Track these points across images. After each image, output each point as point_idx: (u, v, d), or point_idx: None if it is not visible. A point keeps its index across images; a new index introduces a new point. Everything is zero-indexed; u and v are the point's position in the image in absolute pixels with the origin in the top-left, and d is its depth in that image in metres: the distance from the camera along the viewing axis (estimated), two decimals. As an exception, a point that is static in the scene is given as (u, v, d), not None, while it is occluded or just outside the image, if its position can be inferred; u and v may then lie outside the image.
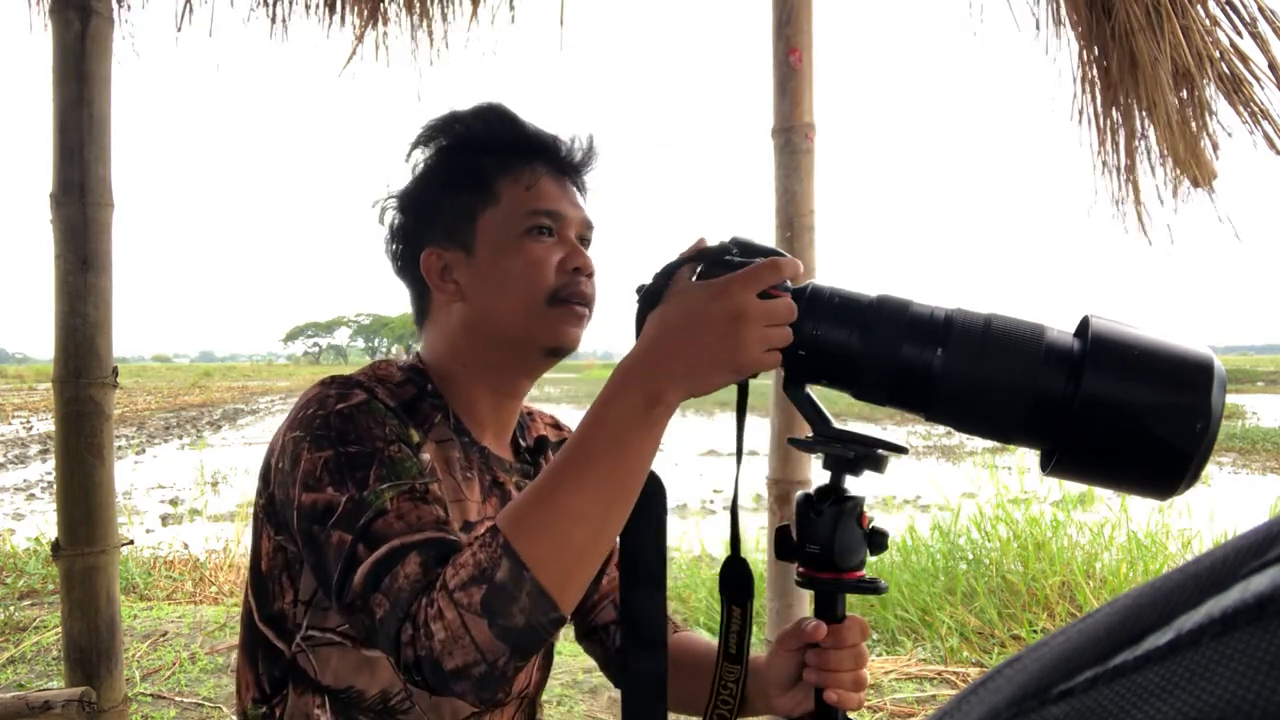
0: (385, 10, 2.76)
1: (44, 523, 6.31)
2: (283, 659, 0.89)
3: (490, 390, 0.96)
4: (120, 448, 13.97)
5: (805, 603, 2.20)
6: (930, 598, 3.82)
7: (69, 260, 1.98)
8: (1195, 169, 2.26)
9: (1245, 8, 2.09)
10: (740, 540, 0.84)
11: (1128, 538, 4.28)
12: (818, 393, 0.76)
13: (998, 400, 0.64)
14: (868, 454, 0.74)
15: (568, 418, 1.09)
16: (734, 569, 0.83)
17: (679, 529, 6.00)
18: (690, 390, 0.70)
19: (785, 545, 0.79)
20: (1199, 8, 2.13)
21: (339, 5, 2.72)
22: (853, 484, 0.77)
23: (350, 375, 0.88)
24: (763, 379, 0.80)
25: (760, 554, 4.19)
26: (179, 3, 2.57)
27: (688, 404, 0.74)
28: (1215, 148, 2.26)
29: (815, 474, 2.20)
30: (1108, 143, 2.46)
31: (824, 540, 0.75)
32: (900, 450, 0.75)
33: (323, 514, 0.77)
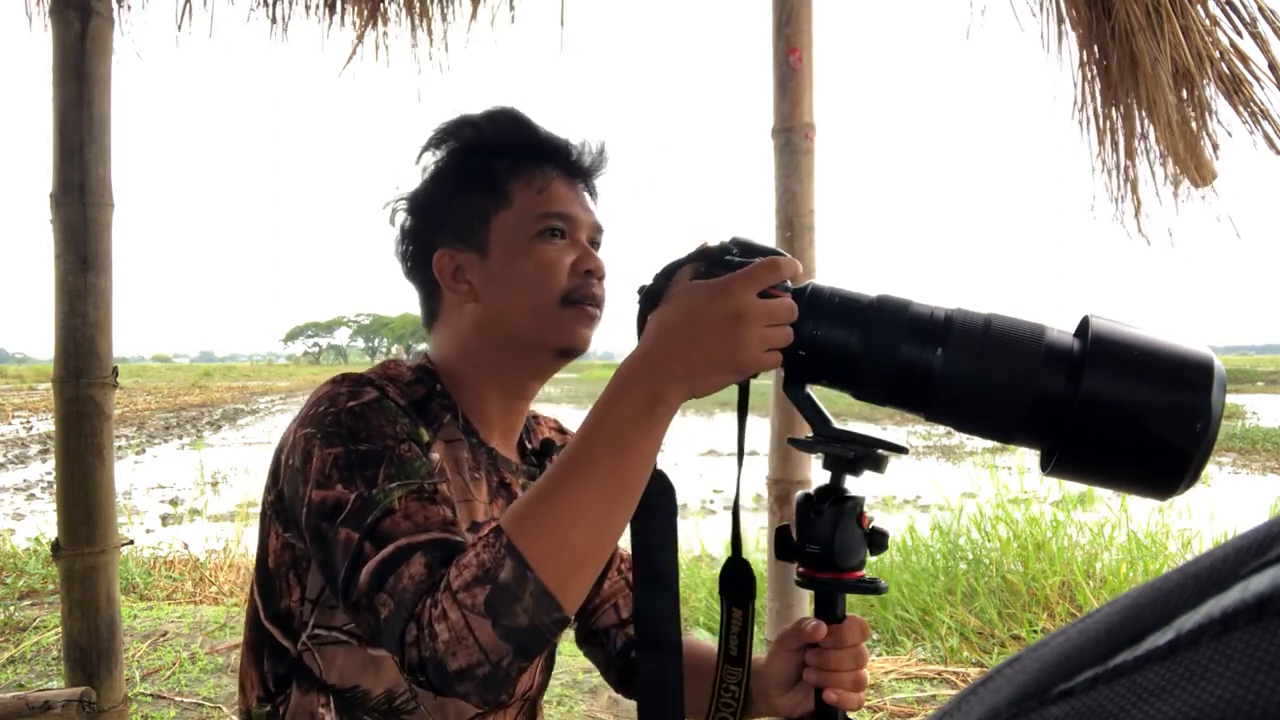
0: (385, 10, 2.76)
1: (44, 523, 6.31)
2: (288, 657, 0.89)
3: (500, 391, 0.96)
4: (120, 448, 13.97)
5: (805, 603, 2.20)
6: (930, 598, 3.82)
7: (69, 260, 1.98)
8: (1195, 169, 2.26)
9: (1245, 8, 2.09)
10: (741, 541, 0.84)
11: (1128, 538, 4.28)
12: (818, 393, 0.76)
13: (998, 400, 0.64)
14: (868, 454, 0.74)
15: (568, 418, 1.10)
16: (735, 570, 0.83)
17: (678, 529, 5.96)
18: (691, 391, 0.70)
19: (785, 545, 0.79)
20: (1199, 8, 2.13)
21: (339, 5, 2.72)
22: (853, 484, 0.77)
23: (362, 374, 0.88)
24: (763, 379, 0.80)
25: (760, 554, 4.19)
26: (179, 3, 2.57)
27: (688, 404, 0.74)
28: (1215, 148, 2.26)
29: (815, 474, 2.20)
30: (1108, 142, 2.46)
31: (824, 540, 0.75)
32: (900, 450, 0.75)
33: (331, 511, 0.77)
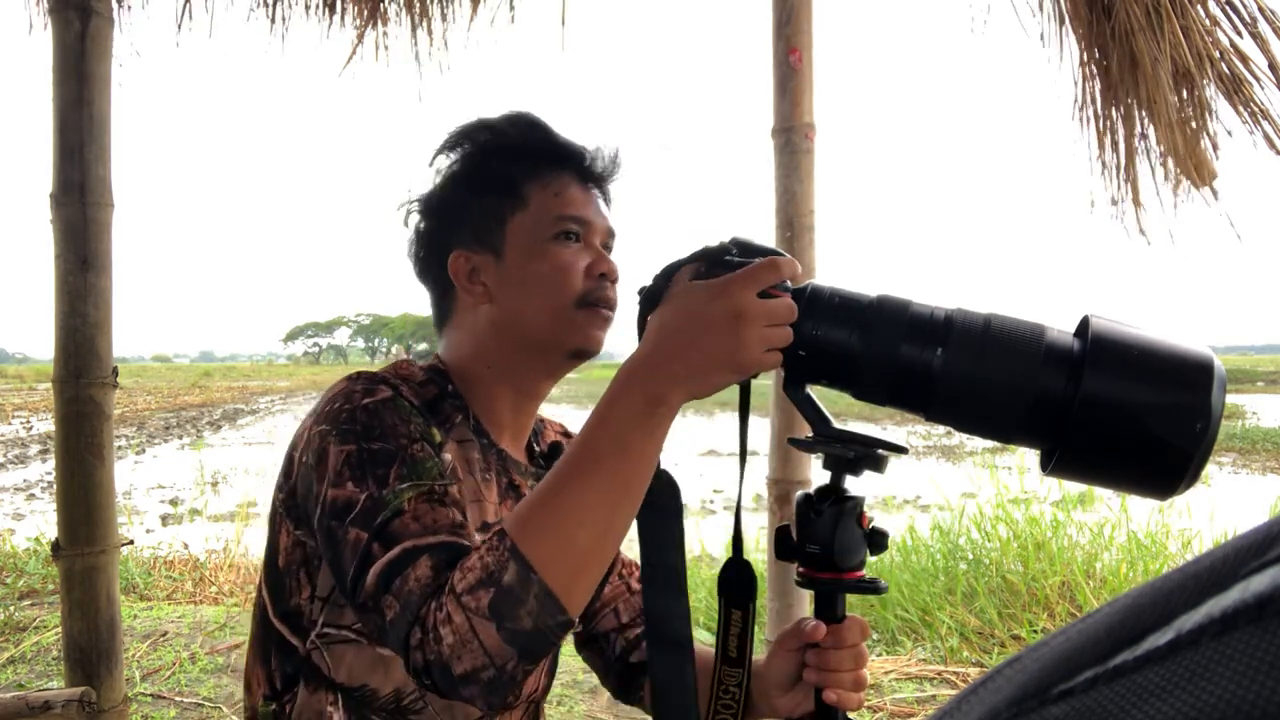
0: (385, 10, 2.76)
1: (44, 523, 6.31)
2: (296, 655, 0.89)
3: (512, 391, 0.97)
4: (120, 448, 13.97)
5: (805, 603, 2.20)
6: (930, 598, 3.82)
7: (69, 260, 1.99)
8: (1195, 169, 2.26)
9: (1245, 8, 2.09)
10: (743, 542, 0.84)
11: (1128, 538, 4.28)
12: (818, 393, 0.76)
13: (998, 400, 0.64)
14: (868, 454, 0.73)
15: (568, 418, 1.10)
16: (735, 571, 0.83)
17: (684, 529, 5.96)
18: (692, 392, 0.70)
19: (785, 545, 0.79)
20: (1199, 8, 2.13)
21: (339, 5, 2.72)
22: (853, 484, 0.77)
23: (376, 372, 0.88)
24: (762, 379, 0.80)
25: (760, 554, 4.19)
26: (179, 3, 2.58)
27: (688, 404, 0.74)
28: (1215, 148, 2.26)
29: (815, 474, 2.20)
30: (1108, 142, 2.46)
31: (824, 540, 0.75)
32: (900, 450, 0.75)
33: (342, 510, 0.77)
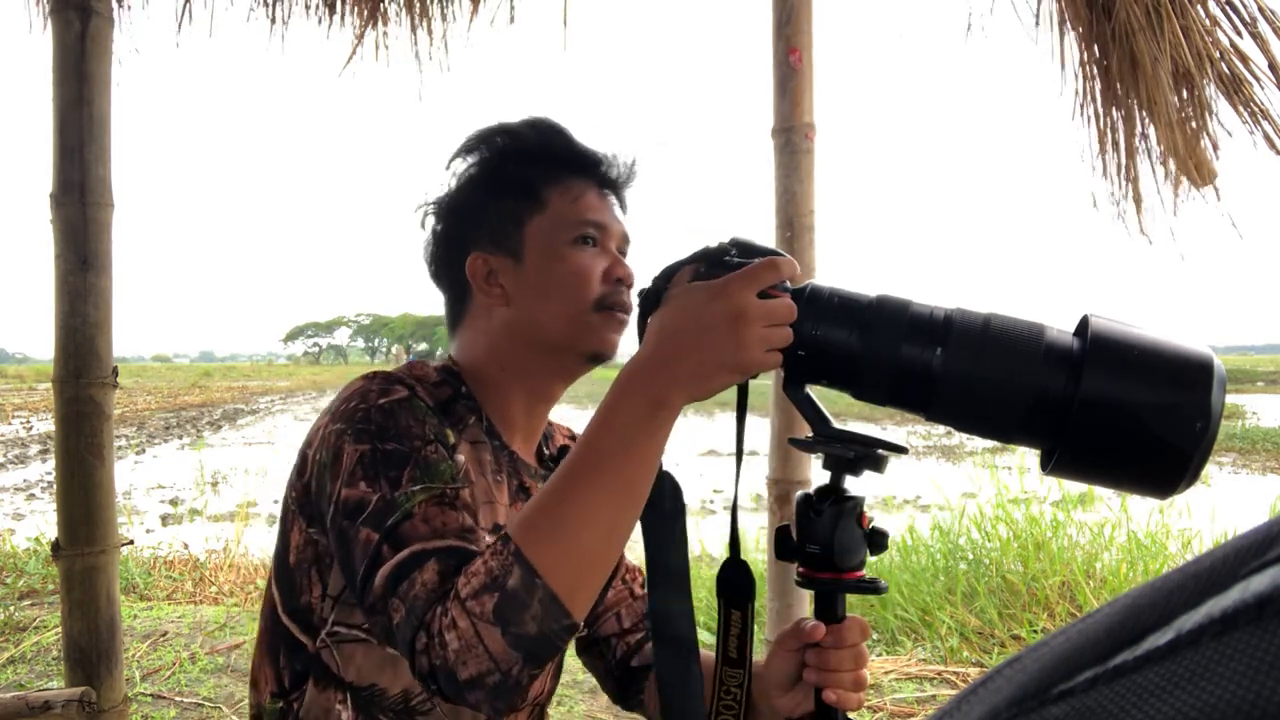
0: (385, 10, 2.76)
1: (44, 523, 6.30)
2: (305, 653, 0.89)
3: (525, 393, 0.97)
4: (120, 448, 13.97)
5: (805, 603, 2.20)
6: (930, 598, 3.82)
7: (69, 260, 1.99)
8: (1195, 169, 2.26)
9: (1245, 8, 2.09)
10: (740, 542, 0.84)
11: (1128, 538, 4.28)
12: (817, 392, 0.76)
13: (998, 400, 0.64)
14: (868, 454, 0.73)
15: (568, 418, 1.10)
16: (732, 572, 0.83)
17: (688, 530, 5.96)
18: (693, 393, 0.71)
19: (785, 545, 0.79)
20: (1199, 8, 2.13)
21: (339, 5, 2.72)
22: (853, 484, 0.77)
23: (391, 372, 0.89)
24: (762, 379, 0.80)
25: (760, 554, 4.19)
26: (179, 3, 2.58)
27: (688, 404, 0.74)
28: (1215, 148, 2.26)
29: (815, 474, 2.20)
30: (1108, 142, 2.46)
31: (824, 540, 0.75)
32: (900, 450, 0.75)
33: (354, 509, 0.78)
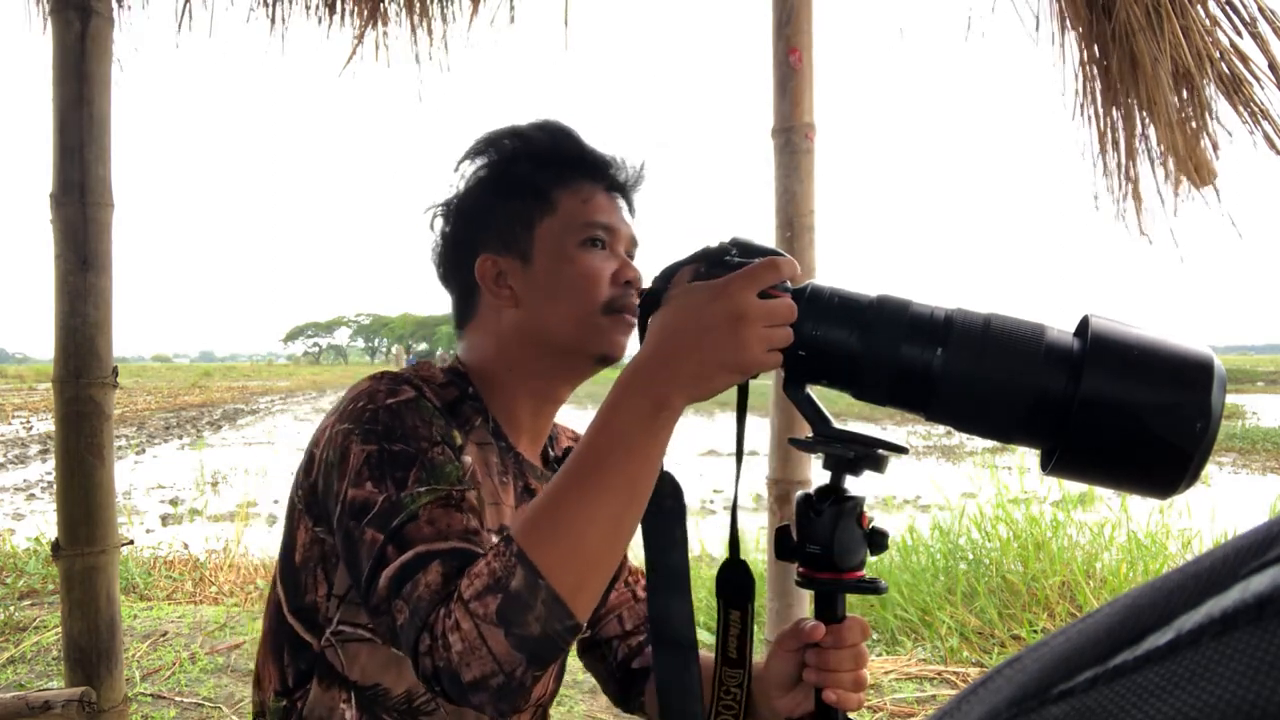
0: (385, 10, 2.76)
1: (44, 523, 6.30)
2: (310, 652, 0.89)
3: (532, 395, 0.97)
4: (120, 448, 13.97)
5: (805, 603, 2.20)
6: (930, 598, 3.82)
7: (69, 260, 1.99)
8: (1195, 169, 2.26)
9: (1245, 8, 2.09)
10: (739, 543, 0.84)
11: (1128, 538, 4.28)
12: (817, 393, 0.76)
13: (998, 400, 0.64)
14: (868, 454, 0.74)
15: (568, 418, 1.10)
16: (732, 572, 0.83)
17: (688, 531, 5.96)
18: (694, 394, 0.71)
19: (785, 545, 0.79)
20: (1199, 8, 2.13)
21: (339, 5, 2.72)
22: (853, 484, 0.77)
23: (399, 372, 0.89)
24: (762, 379, 0.80)
25: (760, 554, 4.19)
26: (179, 3, 2.58)
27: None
28: (1215, 148, 2.26)
29: (815, 474, 2.20)
30: (1108, 142, 2.46)
31: (824, 540, 0.75)
32: (900, 450, 0.75)
33: (360, 510, 0.78)
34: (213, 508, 8.44)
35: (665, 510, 0.78)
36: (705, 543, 5.43)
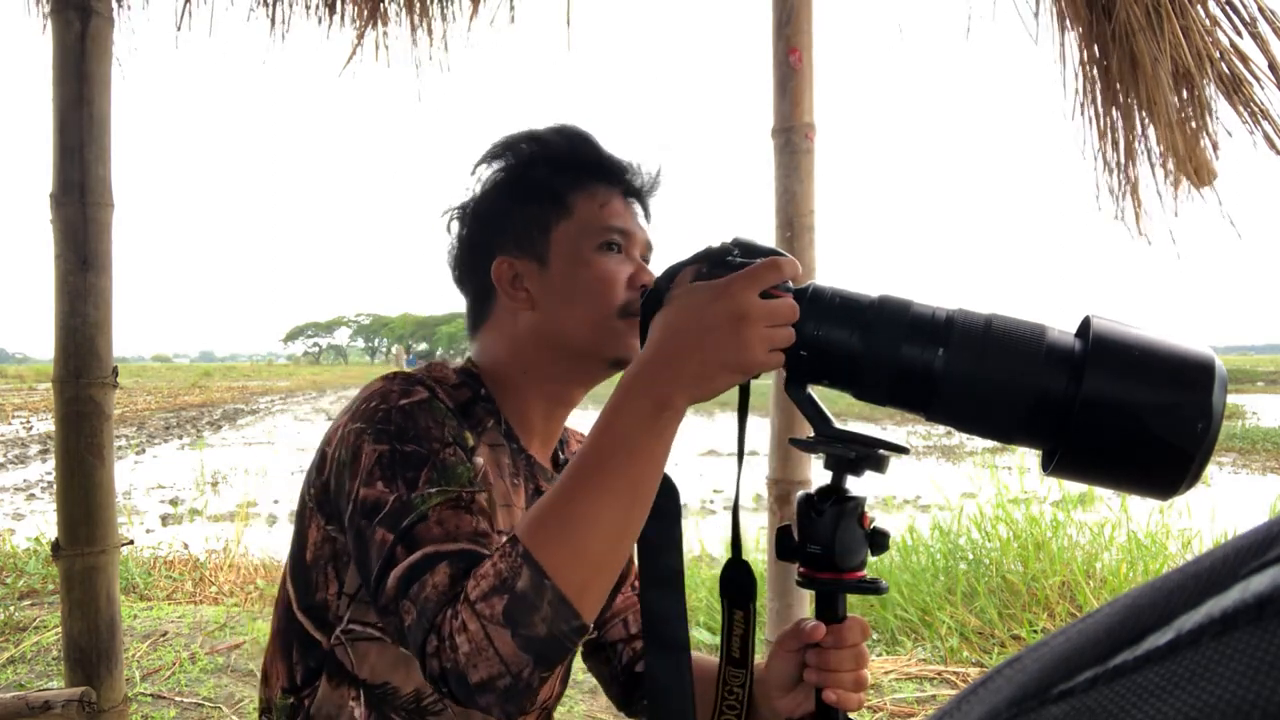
0: (385, 10, 2.76)
1: (44, 523, 6.30)
2: (319, 650, 0.89)
3: (545, 398, 0.97)
4: (120, 448, 13.97)
5: (806, 603, 2.20)
6: (930, 598, 3.82)
7: (69, 260, 1.99)
8: (1195, 169, 2.26)
9: (1245, 8, 2.09)
10: (741, 542, 0.84)
11: (1128, 538, 4.28)
12: (818, 393, 0.76)
13: (999, 400, 0.64)
14: (869, 454, 0.74)
15: (572, 419, 1.10)
16: (735, 572, 0.83)
17: (683, 531, 5.97)
18: (697, 394, 0.71)
19: (786, 545, 0.79)
20: (1199, 8, 2.13)
21: (339, 5, 2.72)
22: (854, 484, 0.77)
23: (413, 372, 0.89)
24: (762, 379, 0.80)
25: (760, 554, 4.19)
26: (179, 3, 2.58)
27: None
28: (1215, 148, 2.26)
29: (816, 474, 2.20)
30: (1108, 142, 2.46)
31: (825, 540, 0.75)
32: (901, 450, 0.75)
33: (371, 509, 0.78)
34: (213, 508, 8.44)
35: (660, 511, 0.78)
36: (705, 542, 5.43)
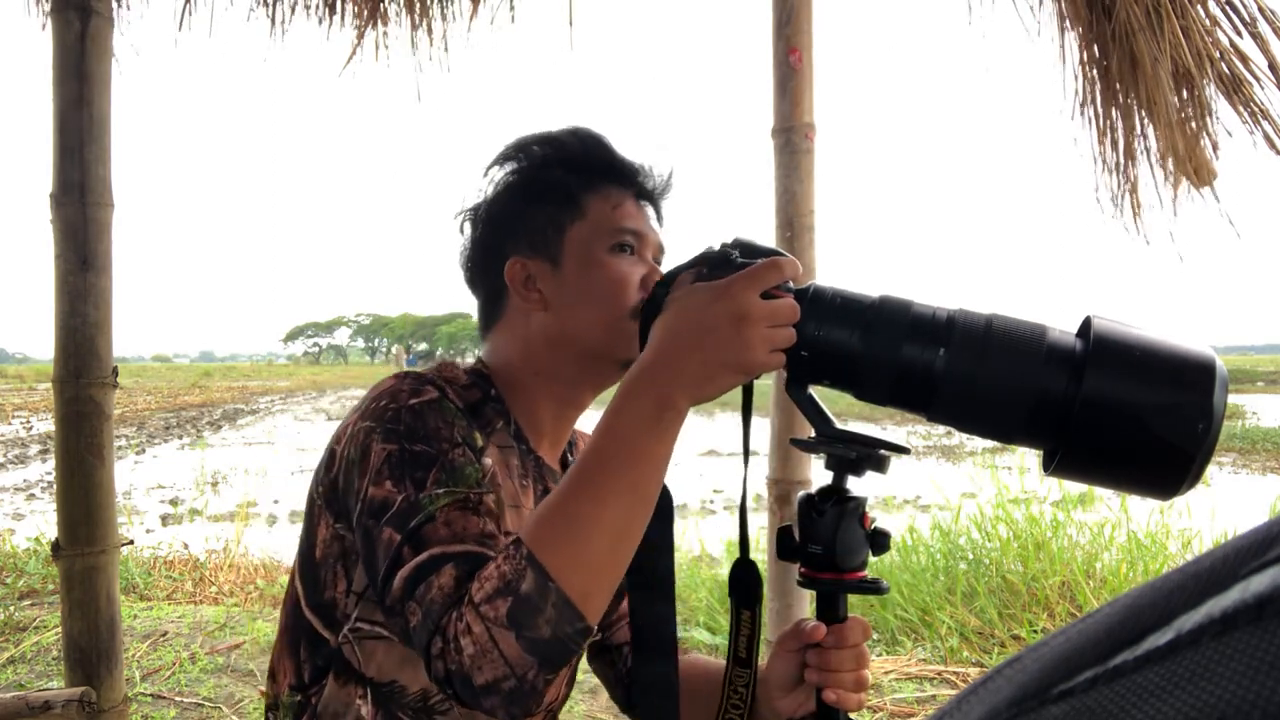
0: (385, 10, 2.76)
1: (44, 523, 6.30)
2: (327, 648, 0.89)
3: (556, 400, 0.97)
4: (120, 448, 13.96)
5: (806, 603, 2.20)
6: (930, 598, 3.82)
7: (69, 260, 1.99)
8: (1195, 169, 2.26)
9: (1245, 8, 2.09)
10: (749, 541, 0.84)
11: (1128, 538, 4.28)
12: (819, 393, 0.76)
13: (1000, 400, 0.64)
14: (870, 454, 0.74)
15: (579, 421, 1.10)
16: (741, 572, 0.84)
17: (678, 528, 5.99)
18: (698, 395, 0.71)
19: (787, 545, 0.79)
20: (1199, 8, 2.13)
21: (339, 5, 2.72)
22: (855, 484, 0.77)
23: (423, 372, 0.89)
24: (762, 379, 0.80)
25: (760, 554, 4.19)
26: (179, 3, 2.58)
27: (687, 404, 0.74)
28: (1215, 148, 2.26)
29: (816, 474, 2.20)
30: (1108, 142, 2.46)
31: (826, 541, 0.75)
32: (902, 450, 0.75)
33: (379, 509, 0.78)
34: (213, 508, 8.44)
35: (655, 515, 0.78)
36: (705, 542, 5.43)
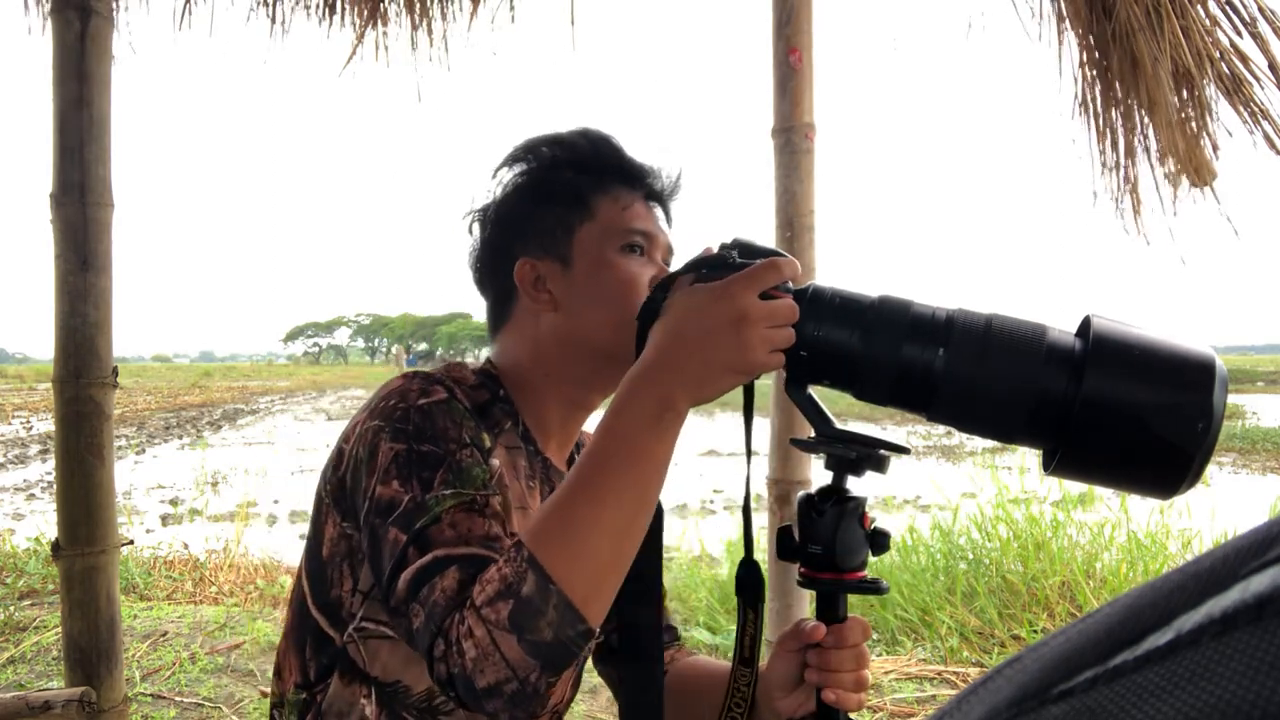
0: (385, 10, 2.76)
1: (44, 523, 6.30)
2: (332, 647, 0.89)
3: (564, 401, 0.97)
4: (120, 448, 13.96)
5: (806, 603, 2.20)
6: (930, 598, 3.82)
7: (69, 260, 1.99)
8: (1195, 169, 2.26)
9: (1245, 8, 2.09)
10: (753, 541, 0.84)
11: (1128, 538, 4.28)
12: (819, 393, 0.76)
13: (1000, 400, 0.64)
14: (870, 454, 0.74)
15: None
16: (745, 571, 0.84)
17: (679, 529, 6.00)
18: (698, 395, 0.71)
19: (787, 545, 0.79)
20: (1199, 8, 2.13)
21: (339, 5, 2.72)
22: (855, 484, 0.77)
23: (432, 372, 0.89)
24: (762, 379, 0.80)
25: (760, 554, 4.19)
26: (179, 3, 2.58)
27: (688, 404, 0.74)
28: (1215, 148, 2.26)
29: (815, 474, 2.20)
30: (1108, 142, 2.46)
31: (826, 541, 0.75)
32: (902, 450, 0.75)
33: (386, 508, 0.78)
34: (213, 508, 8.43)
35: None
36: (705, 542, 5.43)
